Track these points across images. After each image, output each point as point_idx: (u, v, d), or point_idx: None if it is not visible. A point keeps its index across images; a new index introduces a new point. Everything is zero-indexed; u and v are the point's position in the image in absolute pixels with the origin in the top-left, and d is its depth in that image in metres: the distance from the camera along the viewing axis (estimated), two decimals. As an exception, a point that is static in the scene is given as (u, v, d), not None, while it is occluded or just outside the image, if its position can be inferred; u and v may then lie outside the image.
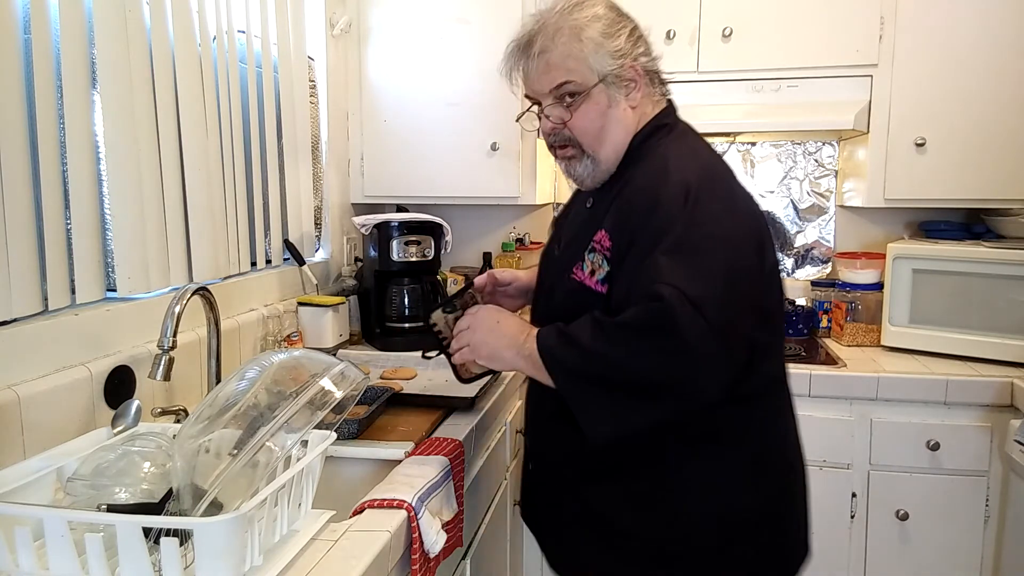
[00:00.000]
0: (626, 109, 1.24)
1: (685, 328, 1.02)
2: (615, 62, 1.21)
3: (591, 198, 1.30)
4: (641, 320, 1.05)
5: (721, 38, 2.22)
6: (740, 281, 1.08)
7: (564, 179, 2.76)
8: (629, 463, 1.20)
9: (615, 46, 1.21)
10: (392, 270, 2.23)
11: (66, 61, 1.30)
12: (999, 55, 2.09)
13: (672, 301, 1.02)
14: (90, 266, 1.37)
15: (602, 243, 1.18)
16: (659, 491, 1.19)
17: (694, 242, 1.08)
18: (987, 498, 1.96)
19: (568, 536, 1.30)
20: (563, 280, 1.23)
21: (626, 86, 1.22)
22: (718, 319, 1.03)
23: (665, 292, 1.03)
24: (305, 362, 1.04)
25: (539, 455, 1.38)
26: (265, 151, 1.98)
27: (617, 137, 1.24)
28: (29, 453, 1.15)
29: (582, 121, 1.23)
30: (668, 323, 1.02)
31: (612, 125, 1.23)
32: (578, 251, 1.22)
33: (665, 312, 1.02)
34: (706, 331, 1.02)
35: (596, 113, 1.23)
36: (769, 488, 1.23)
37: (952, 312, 2.13)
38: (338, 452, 1.38)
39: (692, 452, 1.18)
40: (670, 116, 1.29)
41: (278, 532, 0.99)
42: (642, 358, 1.05)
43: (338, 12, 2.37)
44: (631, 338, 1.06)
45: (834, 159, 2.58)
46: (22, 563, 0.87)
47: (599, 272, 1.17)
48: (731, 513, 1.19)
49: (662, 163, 1.18)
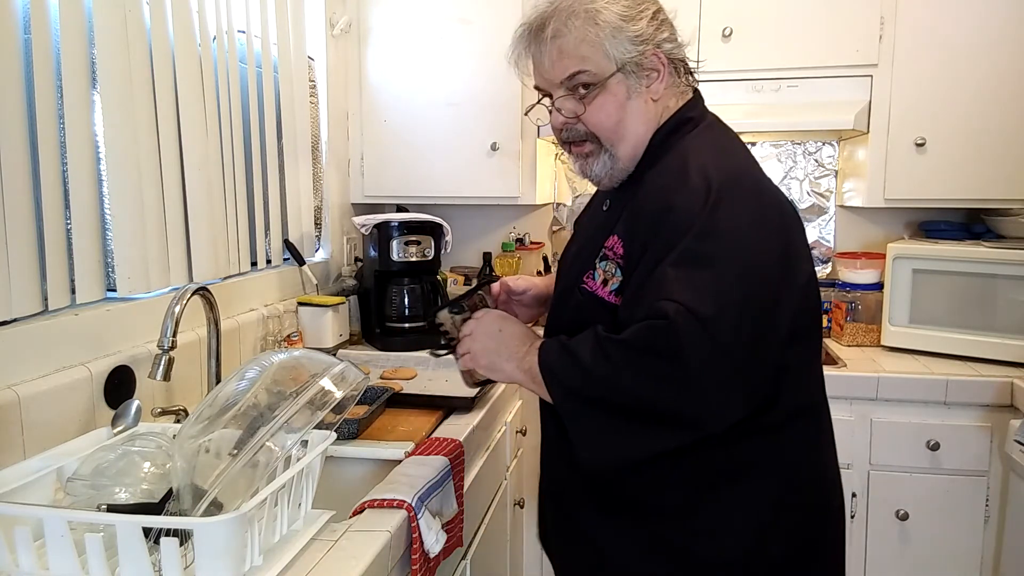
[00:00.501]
0: (647, 101, 1.11)
1: (690, 352, 0.92)
2: (636, 48, 1.08)
3: (608, 200, 1.19)
4: (643, 340, 0.95)
5: (721, 38, 2.22)
6: (760, 297, 0.97)
7: (564, 180, 2.77)
8: (646, 498, 1.10)
9: (635, 30, 1.08)
10: (392, 270, 2.23)
11: (66, 61, 1.30)
12: (999, 55, 2.09)
13: (677, 321, 0.92)
14: (90, 266, 1.37)
15: (615, 250, 1.08)
16: (676, 533, 1.08)
17: (708, 252, 0.97)
18: (987, 498, 1.96)
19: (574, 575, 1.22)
20: (574, 290, 1.14)
21: (647, 76, 1.10)
22: (730, 341, 0.93)
23: (670, 310, 0.93)
24: (305, 362, 1.04)
25: (549, 479, 1.28)
26: (265, 151, 1.98)
27: (637, 132, 1.12)
28: (29, 453, 1.15)
29: (598, 114, 1.11)
30: (671, 346, 0.93)
31: (631, 119, 1.11)
32: (589, 258, 1.12)
33: (668, 333, 0.93)
34: (715, 354, 0.92)
35: (613, 106, 1.10)
36: (798, 532, 1.10)
37: (952, 312, 2.13)
38: (338, 452, 1.38)
39: (714, 489, 1.07)
40: (696, 109, 1.16)
41: (278, 532, 0.99)
42: (643, 382, 0.95)
43: (338, 12, 2.37)
44: (632, 359, 0.96)
45: (834, 159, 2.58)
46: (22, 563, 0.87)
47: (612, 282, 1.07)
48: (752, 557, 1.07)
49: (682, 161, 1.07)
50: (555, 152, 2.75)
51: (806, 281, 1.07)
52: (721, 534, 1.07)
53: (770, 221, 1.03)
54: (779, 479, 1.08)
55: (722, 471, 1.07)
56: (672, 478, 1.07)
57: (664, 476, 1.07)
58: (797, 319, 1.04)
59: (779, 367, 1.03)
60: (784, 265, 1.02)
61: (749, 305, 0.96)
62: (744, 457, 1.06)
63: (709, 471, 1.07)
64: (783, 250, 1.03)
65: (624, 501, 1.12)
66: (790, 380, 1.06)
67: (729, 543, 1.07)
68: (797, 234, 1.08)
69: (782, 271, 1.01)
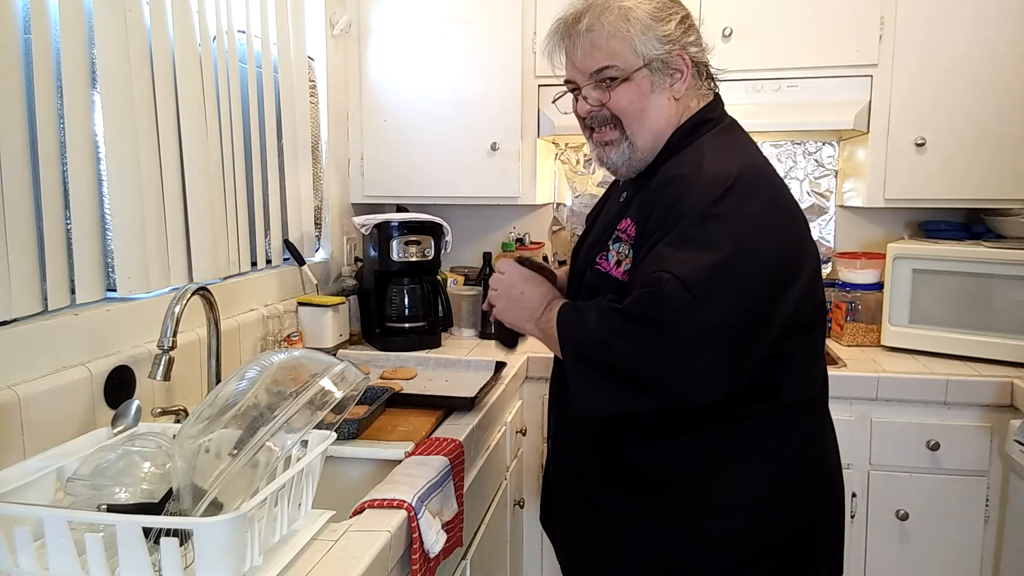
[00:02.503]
0: (669, 99, 1.18)
1: (674, 319, 0.99)
2: (663, 48, 1.15)
3: (626, 192, 1.26)
4: (635, 309, 1.03)
5: (721, 38, 2.22)
6: (755, 282, 1.03)
7: (564, 180, 2.77)
8: (657, 477, 1.16)
9: (665, 31, 1.15)
10: (392, 270, 2.23)
11: (66, 61, 1.30)
12: (999, 55, 2.08)
13: (667, 288, 0.99)
14: (90, 266, 1.37)
15: (628, 232, 1.15)
16: (684, 510, 1.15)
17: (708, 234, 1.03)
18: (987, 498, 1.96)
19: (581, 553, 1.27)
20: (589, 271, 1.21)
21: (671, 75, 1.17)
22: (717, 316, 0.99)
23: (663, 279, 1.00)
24: (305, 362, 1.04)
25: (560, 459, 1.34)
26: (265, 151, 1.98)
27: (657, 124, 1.18)
28: (29, 453, 1.15)
29: (622, 100, 1.17)
30: (658, 311, 1.00)
31: (652, 111, 1.18)
32: (604, 241, 1.20)
33: (657, 299, 1.00)
34: (699, 325, 0.99)
35: (637, 95, 1.17)
36: (800, 510, 1.17)
37: (952, 312, 2.12)
38: (338, 452, 1.38)
39: (717, 468, 1.14)
40: (716, 111, 1.24)
41: (278, 532, 0.99)
42: (630, 349, 1.03)
43: (338, 12, 2.37)
44: (624, 326, 1.03)
45: (834, 159, 2.58)
46: (22, 563, 0.87)
47: (625, 263, 1.14)
48: (754, 536, 1.14)
49: (698, 154, 1.14)
50: (555, 152, 2.75)
51: (811, 276, 1.12)
52: (724, 511, 1.14)
53: (777, 213, 1.10)
54: (778, 463, 1.15)
55: (726, 451, 1.13)
56: (680, 456, 1.15)
57: (673, 453, 1.15)
58: (800, 311, 1.09)
59: (779, 355, 1.09)
60: (787, 257, 1.08)
61: (742, 288, 1.02)
62: (747, 439, 1.13)
63: (714, 450, 1.13)
64: (787, 242, 1.09)
65: (635, 477, 1.18)
66: (793, 370, 1.12)
67: (731, 520, 1.14)
68: (803, 230, 1.13)
69: (784, 262, 1.07)
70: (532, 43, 2.30)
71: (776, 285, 1.06)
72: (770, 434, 1.14)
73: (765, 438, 1.14)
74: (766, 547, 1.15)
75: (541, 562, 2.21)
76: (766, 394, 1.12)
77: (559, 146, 2.74)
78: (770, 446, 1.15)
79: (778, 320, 1.06)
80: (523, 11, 2.30)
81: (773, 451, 1.15)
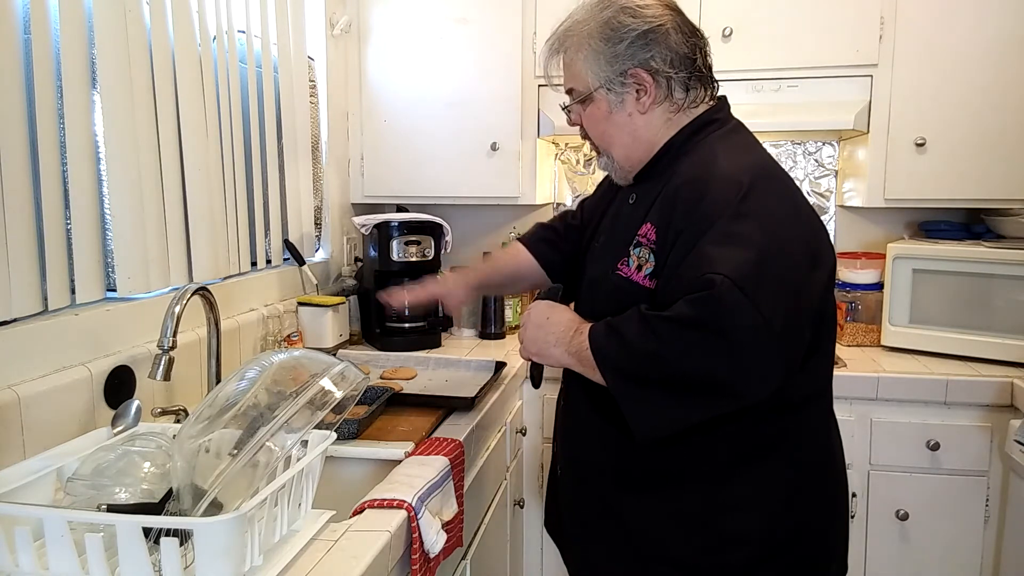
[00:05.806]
0: (632, 114, 1.20)
1: (735, 320, 0.99)
2: (611, 69, 1.18)
3: (634, 193, 1.26)
4: (689, 314, 1.01)
5: (721, 38, 2.22)
6: (792, 277, 1.05)
7: (564, 180, 2.78)
8: (676, 475, 1.16)
9: (614, 52, 1.17)
10: (392, 270, 2.23)
11: (66, 61, 1.30)
12: (999, 55, 2.08)
13: (722, 290, 0.99)
14: (90, 266, 1.37)
15: (648, 236, 1.15)
16: (703, 508, 1.15)
17: (744, 232, 1.04)
18: (987, 498, 1.96)
19: (593, 552, 1.26)
20: (608, 276, 1.21)
21: (633, 92, 1.19)
22: (771, 311, 0.99)
23: (715, 280, 0.99)
24: (305, 362, 1.04)
25: (573, 460, 1.33)
26: (265, 151, 1.98)
27: (623, 141, 1.22)
28: (29, 453, 1.15)
29: (587, 123, 1.26)
30: (717, 315, 0.99)
31: (615, 130, 1.22)
32: (623, 246, 1.19)
33: (714, 303, 0.99)
34: (757, 323, 0.99)
35: (597, 118, 1.23)
36: (814, 505, 1.19)
37: (952, 312, 2.12)
38: (338, 452, 1.38)
39: (742, 464, 1.14)
40: (721, 112, 1.25)
41: (278, 532, 0.99)
42: (689, 355, 1.02)
43: (338, 12, 2.37)
44: (678, 333, 1.02)
45: (834, 159, 2.58)
46: (22, 563, 0.87)
47: (646, 267, 1.14)
48: (771, 532, 1.15)
49: (711, 156, 1.15)
50: (555, 152, 2.75)
51: (828, 272, 1.15)
52: (744, 507, 1.14)
53: (798, 212, 1.13)
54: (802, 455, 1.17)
55: (748, 448, 1.14)
56: (701, 453, 1.14)
57: (693, 452, 1.14)
58: (821, 304, 1.12)
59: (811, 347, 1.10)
60: (809, 253, 1.10)
61: (784, 281, 1.03)
62: (768, 435, 1.14)
63: (738, 448, 1.14)
64: (809, 240, 1.11)
65: (652, 476, 1.18)
66: (813, 361, 1.14)
67: (750, 516, 1.14)
68: (820, 228, 1.16)
69: (808, 258, 1.09)
70: (532, 43, 2.31)
71: (806, 280, 1.08)
72: (788, 428, 1.15)
73: (787, 432, 1.15)
74: (782, 543, 1.15)
75: (541, 562, 2.21)
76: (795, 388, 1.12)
77: (559, 146, 2.74)
78: (792, 440, 1.16)
79: (811, 311, 1.09)
80: (523, 11, 2.30)
81: (794, 445, 1.16)
